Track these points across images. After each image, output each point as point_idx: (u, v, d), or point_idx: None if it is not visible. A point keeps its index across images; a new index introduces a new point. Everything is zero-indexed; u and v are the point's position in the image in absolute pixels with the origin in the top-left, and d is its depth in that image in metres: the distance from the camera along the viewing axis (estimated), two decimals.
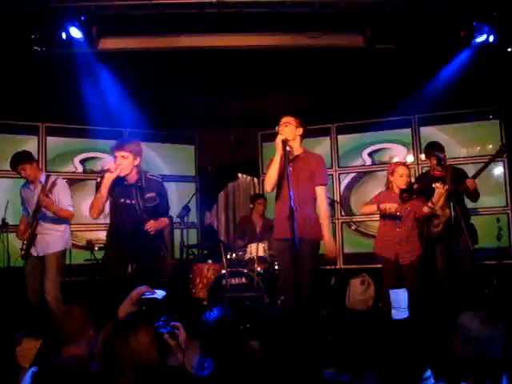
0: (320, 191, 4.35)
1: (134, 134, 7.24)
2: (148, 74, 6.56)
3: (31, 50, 5.50)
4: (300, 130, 4.38)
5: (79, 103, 6.49)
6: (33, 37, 5.40)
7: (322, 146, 7.36)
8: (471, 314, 2.46)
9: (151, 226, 4.30)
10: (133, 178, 4.38)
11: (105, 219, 6.99)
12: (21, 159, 4.95)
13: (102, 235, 6.72)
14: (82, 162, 6.96)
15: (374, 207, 4.93)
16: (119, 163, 4.28)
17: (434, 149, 5.31)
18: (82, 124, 6.86)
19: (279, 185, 4.37)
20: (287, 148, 4.20)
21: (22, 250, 4.98)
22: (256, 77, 6.68)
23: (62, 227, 5.09)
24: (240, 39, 6.05)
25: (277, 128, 4.29)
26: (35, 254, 4.97)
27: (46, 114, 6.62)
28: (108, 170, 4.25)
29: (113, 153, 4.36)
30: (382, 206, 4.81)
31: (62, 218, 5.01)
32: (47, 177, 5.00)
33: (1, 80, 5.93)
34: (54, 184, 4.80)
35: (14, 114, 6.43)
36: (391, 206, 4.75)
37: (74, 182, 6.64)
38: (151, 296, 3.04)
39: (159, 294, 3.15)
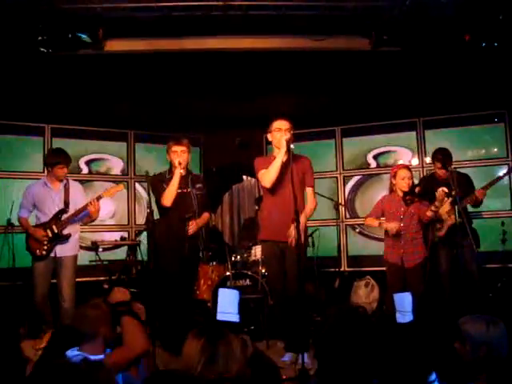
0: (310, 193, 4.47)
1: (139, 136, 7.27)
2: (154, 76, 6.58)
3: (38, 52, 5.53)
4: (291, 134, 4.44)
5: (85, 104, 6.52)
6: (40, 38, 5.42)
7: (326, 149, 7.37)
8: (472, 320, 2.40)
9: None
10: (184, 170, 4.79)
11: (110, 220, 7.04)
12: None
13: (106, 236, 6.76)
14: (88, 163, 6.97)
15: (375, 223, 5.04)
16: (180, 156, 4.68)
17: (442, 155, 5.25)
18: (87, 125, 6.88)
19: (274, 186, 4.37)
20: (291, 149, 4.23)
21: (44, 248, 4.87)
22: (262, 79, 6.70)
23: (79, 231, 5.16)
24: (245, 41, 6.06)
25: (278, 134, 4.37)
26: (52, 255, 4.92)
27: (52, 115, 6.64)
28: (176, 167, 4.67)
29: (170, 148, 4.75)
30: (384, 225, 4.93)
31: (87, 223, 5.20)
32: (67, 180, 5.12)
33: (7, 81, 5.97)
34: (100, 197, 4.93)
35: (19, 115, 6.44)
36: (392, 227, 4.80)
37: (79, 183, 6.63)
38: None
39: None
